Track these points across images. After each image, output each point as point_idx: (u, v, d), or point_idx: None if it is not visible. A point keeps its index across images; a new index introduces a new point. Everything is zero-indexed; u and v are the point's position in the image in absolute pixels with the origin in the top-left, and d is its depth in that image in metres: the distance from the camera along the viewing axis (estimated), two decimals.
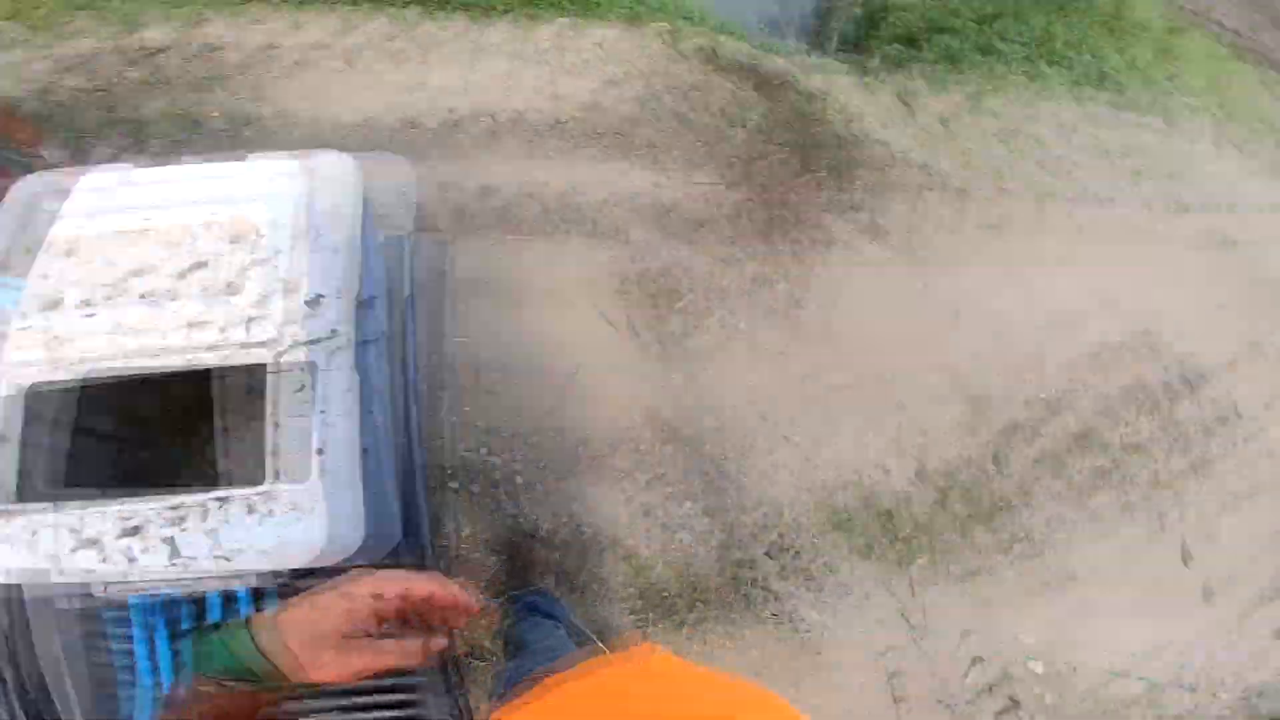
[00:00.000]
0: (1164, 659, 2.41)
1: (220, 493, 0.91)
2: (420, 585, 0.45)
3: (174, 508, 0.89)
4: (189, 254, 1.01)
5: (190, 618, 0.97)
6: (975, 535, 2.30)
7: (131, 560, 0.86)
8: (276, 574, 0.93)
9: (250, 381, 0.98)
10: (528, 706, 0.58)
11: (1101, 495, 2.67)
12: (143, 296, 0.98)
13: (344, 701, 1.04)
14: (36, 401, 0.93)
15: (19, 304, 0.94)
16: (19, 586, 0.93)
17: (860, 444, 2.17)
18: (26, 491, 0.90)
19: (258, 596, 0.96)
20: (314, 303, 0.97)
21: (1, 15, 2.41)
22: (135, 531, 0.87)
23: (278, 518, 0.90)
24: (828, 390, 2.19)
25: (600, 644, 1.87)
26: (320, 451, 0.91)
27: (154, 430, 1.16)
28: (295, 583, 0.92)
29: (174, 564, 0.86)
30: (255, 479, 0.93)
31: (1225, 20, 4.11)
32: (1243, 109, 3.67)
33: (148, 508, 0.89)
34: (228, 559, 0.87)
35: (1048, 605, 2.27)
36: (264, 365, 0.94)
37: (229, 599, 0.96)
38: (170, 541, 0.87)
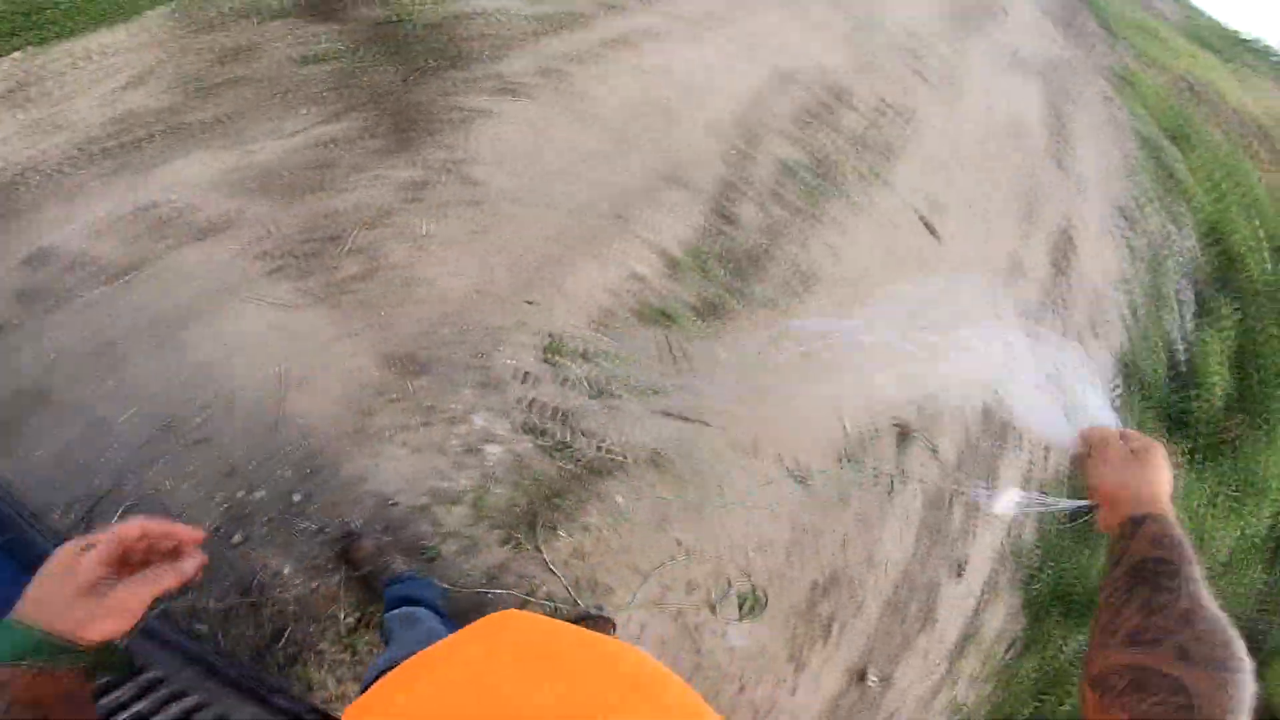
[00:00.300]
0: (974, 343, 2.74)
1: None
2: (126, 528, 0.48)
3: None
4: None
5: None
6: (753, 291, 2.39)
7: None
8: None
9: None
10: (367, 698, 0.58)
11: (828, 204, 2.95)
12: None
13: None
14: None
15: None
16: None
17: (601, 269, 2.10)
18: None
19: None
20: None
21: None
22: None
23: None
24: (543, 242, 2.08)
25: (513, 594, 1.67)
26: None
27: None
28: None
29: None
30: None
31: None
32: None
33: None
34: None
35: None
36: None
37: None
38: None
